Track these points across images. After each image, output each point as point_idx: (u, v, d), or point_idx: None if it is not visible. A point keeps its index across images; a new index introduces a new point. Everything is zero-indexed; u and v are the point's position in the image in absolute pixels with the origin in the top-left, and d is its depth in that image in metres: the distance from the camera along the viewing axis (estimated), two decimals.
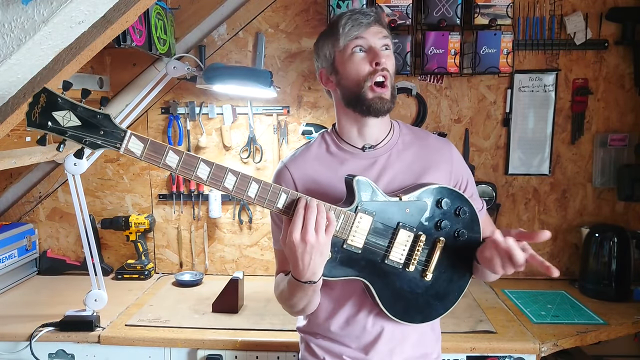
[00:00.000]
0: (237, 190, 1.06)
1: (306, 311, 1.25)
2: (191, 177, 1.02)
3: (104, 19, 1.17)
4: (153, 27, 1.90)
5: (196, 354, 1.74)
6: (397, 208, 1.14)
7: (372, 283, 1.16)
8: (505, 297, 2.07)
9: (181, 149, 1.04)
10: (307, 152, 1.28)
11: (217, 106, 2.29)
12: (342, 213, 1.10)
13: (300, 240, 1.02)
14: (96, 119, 0.95)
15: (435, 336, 1.33)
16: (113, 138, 0.97)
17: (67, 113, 0.94)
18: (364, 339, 1.24)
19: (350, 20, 1.16)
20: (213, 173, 1.05)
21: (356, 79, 1.17)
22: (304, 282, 1.09)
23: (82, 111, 0.94)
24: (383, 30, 1.18)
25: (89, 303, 1.78)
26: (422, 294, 1.20)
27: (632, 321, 1.85)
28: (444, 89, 2.25)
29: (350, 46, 1.17)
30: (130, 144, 0.98)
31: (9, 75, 1.02)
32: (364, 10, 1.18)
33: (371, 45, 1.16)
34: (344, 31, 1.16)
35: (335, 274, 1.13)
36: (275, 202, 1.07)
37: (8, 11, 0.92)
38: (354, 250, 1.13)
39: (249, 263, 2.37)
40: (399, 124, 1.31)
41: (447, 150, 1.27)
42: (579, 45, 2.17)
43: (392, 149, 1.25)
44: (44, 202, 2.39)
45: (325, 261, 1.07)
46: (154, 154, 0.99)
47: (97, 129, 0.95)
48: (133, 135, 0.98)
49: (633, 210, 2.28)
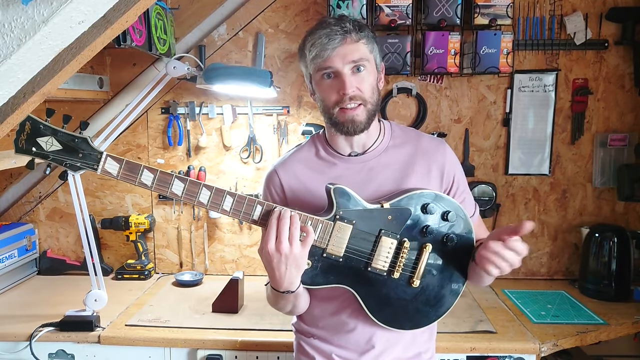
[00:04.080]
0: (212, 205, 1.08)
1: (295, 313, 1.27)
2: (166, 194, 1.06)
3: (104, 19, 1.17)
4: (153, 27, 1.90)
5: (196, 354, 1.74)
6: (378, 215, 1.13)
7: (356, 291, 1.16)
8: (505, 297, 2.07)
9: (156, 167, 1.08)
10: (296, 155, 1.28)
11: (217, 106, 2.29)
12: (320, 222, 1.10)
13: (275, 251, 1.03)
14: (74, 143, 1.02)
15: (429, 335, 1.32)
16: (90, 160, 1.03)
17: (50, 138, 1.02)
18: (355, 339, 1.24)
19: (314, 46, 1.12)
20: (187, 189, 1.06)
21: (327, 103, 1.17)
22: (282, 292, 1.10)
23: (62, 136, 1.02)
24: (355, 47, 1.12)
25: (89, 303, 1.78)
26: (411, 300, 1.18)
27: (632, 321, 1.85)
28: (444, 89, 2.25)
29: (318, 73, 1.15)
30: (107, 165, 1.04)
31: (9, 75, 1.02)
32: (331, 30, 1.11)
33: (339, 71, 1.12)
34: (309, 58, 1.14)
35: (317, 282, 1.14)
36: (251, 214, 1.09)
37: (8, 11, 0.91)
38: (335, 258, 1.13)
39: (249, 263, 2.37)
40: (391, 126, 1.29)
41: (439, 152, 1.25)
42: (579, 45, 2.17)
43: (381, 153, 1.23)
44: (44, 202, 2.39)
45: (301, 272, 1.08)
46: (129, 173, 1.05)
47: (76, 152, 1.03)
48: (109, 156, 1.03)
49: (633, 210, 2.28)
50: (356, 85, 1.13)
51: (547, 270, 2.33)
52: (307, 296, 1.23)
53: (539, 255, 2.32)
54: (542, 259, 2.33)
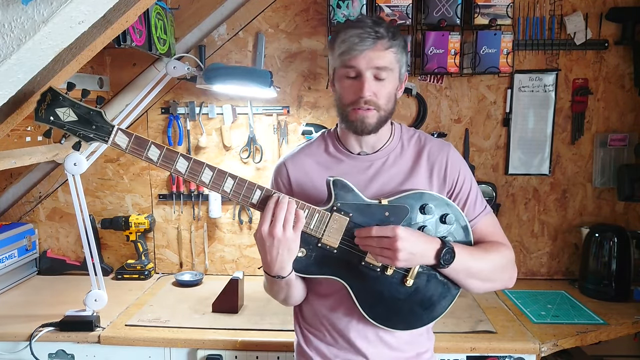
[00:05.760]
0: (213, 185, 1.11)
1: (289, 302, 1.28)
2: (171, 170, 1.10)
3: (104, 19, 1.17)
4: (153, 27, 1.90)
5: (196, 354, 1.74)
6: (375, 211, 1.14)
7: (349, 285, 1.16)
8: (505, 297, 2.07)
9: (164, 145, 1.12)
10: (306, 150, 1.30)
11: (217, 106, 2.29)
12: (317, 212, 1.12)
13: (268, 234, 1.06)
14: (90, 115, 1.08)
15: (427, 336, 1.32)
16: (102, 132, 1.08)
17: (68, 109, 1.07)
18: (351, 338, 1.24)
19: (344, 42, 1.12)
20: (191, 167, 1.11)
21: (342, 101, 1.18)
22: (273, 276, 1.13)
23: (79, 108, 1.08)
24: (382, 55, 1.12)
25: (89, 303, 1.78)
26: (405, 300, 1.18)
27: (632, 321, 1.85)
28: (444, 89, 2.25)
29: (342, 69, 1.16)
30: (117, 138, 1.08)
31: (9, 75, 1.02)
32: (364, 31, 1.11)
33: (361, 73, 1.13)
34: (337, 53, 1.15)
35: (310, 271, 1.15)
36: (250, 198, 1.12)
37: (8, 11, 0.91)
38: (329, 249, 1.14)
39: (249, 263, 2.37)
40: (401, 128, 1.30)
41: (442, 153, 1.25)
42: (579, 45, 2.17)
43: (389, 154, 1.25)
44: (44, 202, 2.39)
45: (293, 257, 1.11)
46: (137, 147, 1.09)
47: (90, 124, 1.08)
48: (120, 130, 1.08)
49: (633, 210, 2.28)
50: (374, 91, 1.14)
51: (547, 270, 2.33)
52: (301, 288, 1.24)
53: (539, 255, 2.33)
54: (542, 259, 2.33)
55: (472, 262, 1.16)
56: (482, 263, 1.18)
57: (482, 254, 1.19)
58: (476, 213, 1.25)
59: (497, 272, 1.22)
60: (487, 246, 1.22)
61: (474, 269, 1.17)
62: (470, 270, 1.16)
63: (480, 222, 1.25)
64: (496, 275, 1.22)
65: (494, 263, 1.20)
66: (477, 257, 1.18)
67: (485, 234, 1.25)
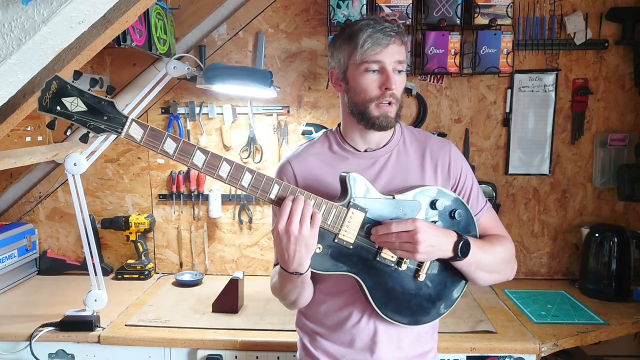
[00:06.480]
0: (231, 179, 1.09)
1: (298, 304, 1.27)
2: (187, 164, 1.06)
3: (104, 19, 1.17)
4: (153, 27, 1.90)
5: (196, 354, 1.74)
6: (390, 206, 1.15)
7: (363, 280, 1.17)
8: (505, 297, 2.07)
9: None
10: (310, 148, 1.30)
11: (217, 106, 2.29)
12: (334, 207, 1.12)
13: (284, 232, 1.05)
14: (101, 105, 1.01)
15: (432, 334, 1.33)
16: (115, 123, 1.02)
17: (75, 99, 1.00)
18: (359, 337, 1.24)
19: (370, 38, 1.14)
20: (208, 161, 1.07)
21: (363, 97, 1.18)
22: (291, 273, 1.12)
23: (88, 97, 1.00)
24: (400, 50, 1.16)
25: (89, 303, 1.78)
26: (415, 295, 1.20)
27: (632, 321, 1.85)
28: (444, 89, 2.25)
29: (365, 64, 1.16)
30: (131, 130, 1.02)
31: (9, 75, 1.03)
32: (386, 27, 1.15)
33: (385, 68, 1.15)
34: (363, 48, 1.15)
35: (326, 267, 1.14)
36: (268, 193, 1.10)
37: (8, 11, 0.92)
38: (345, 245, 1.14)
39: (249, 263, 2.37)
40: (402, 126, 1.32)
41: (444, 150, 1.28)
42: (579, 45, 2.17)
43: (392, 150, 1.26)
44: (44, 202, 2.39)
45: (311, 253, 1.10)
46: (152, 140, 1.03)
47: (101, 114, 1.01)
48: (134, 121, 1.02)
49: (633, 210, 2.28)
50: (397, 84, 1.16)
51: (547, 270, 2.33)
52: (311, 288, 1.24)
53: (539, 255, 2.33)
54: (542, 259, 2.33)
55: (482, 255, 1.19)
56: (490, 255, 1.22)
57: (489, 247, 1.23)
58: (479, 208, 1.28)
59: (503, 264, 1.26)
60: (492, 239, 1.26)
61: (483, 261, 1.20)
62: (480, 263, 1.19)
63: (482, 217, 1.28)
64: (501, 267, 1.26)
65: (500, 255, 1.24)
66: (486, 250, 1.21)
67: (487, 228, 1.29)
